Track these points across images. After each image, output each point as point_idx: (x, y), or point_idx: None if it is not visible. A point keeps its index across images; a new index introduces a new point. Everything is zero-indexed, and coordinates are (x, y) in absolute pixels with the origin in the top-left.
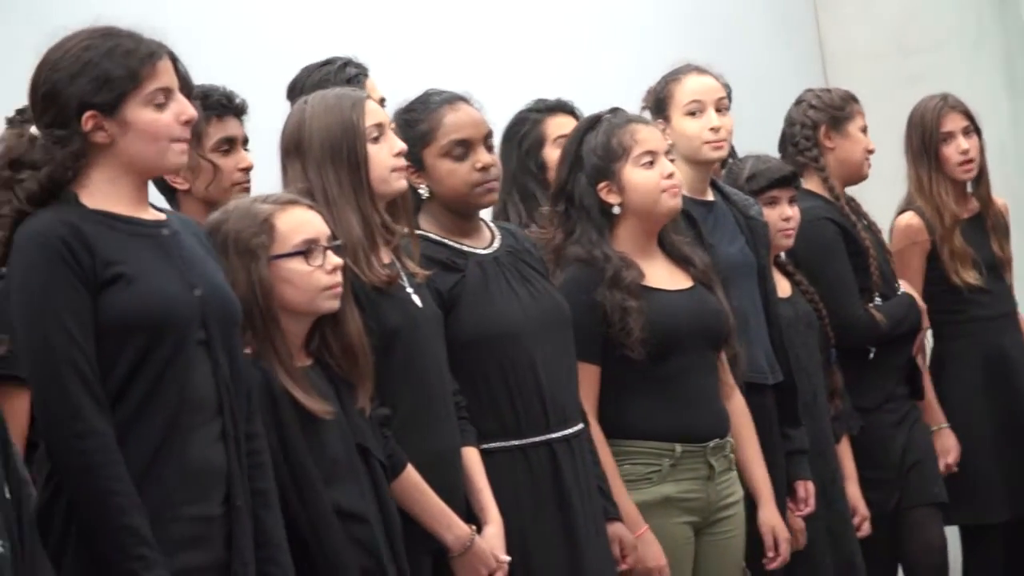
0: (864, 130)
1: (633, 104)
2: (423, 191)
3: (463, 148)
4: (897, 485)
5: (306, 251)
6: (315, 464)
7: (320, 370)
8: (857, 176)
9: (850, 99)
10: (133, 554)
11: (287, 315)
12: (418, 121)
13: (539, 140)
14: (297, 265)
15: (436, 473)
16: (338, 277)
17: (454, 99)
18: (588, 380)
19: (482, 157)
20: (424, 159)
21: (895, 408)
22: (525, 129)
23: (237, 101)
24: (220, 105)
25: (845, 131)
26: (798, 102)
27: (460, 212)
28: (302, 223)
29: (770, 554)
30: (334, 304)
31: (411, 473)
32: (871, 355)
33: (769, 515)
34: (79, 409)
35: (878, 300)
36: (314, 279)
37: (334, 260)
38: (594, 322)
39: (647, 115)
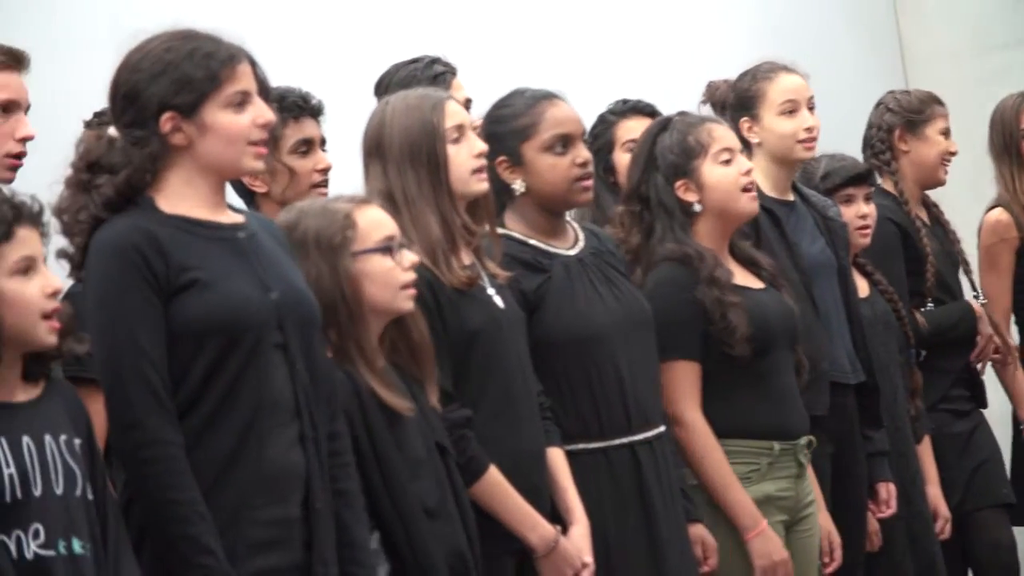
0: (945, 133)
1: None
2: (518, 187)
3: (564, 143)
4: (958, 485)
5: (388, 247)
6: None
7: (395, 371)
8: (933, 179)
9: (931, 101)
10: (194, 563)
11: (370, 313)
12: (517, 115)
13: (609, 143)
14: (380, 260)
15: (520, 474)
16: (413, 275)
17: (550, 95)
18: (690, 378)
19: (582, 152)
20: (523, 153)
21: (951, 410)
22: (597, 130)
23: (313, 102)
24: (296, 107)
25: (922, 134)
26: (877, 105)
27: (551, 210)
28: (380, 220)
29: (826, 559)
30: (410, 304)
31: (494, 474)
32: (920, 358)
33: (825, 520)
34: (143, 419)
35: (930, 305)
36: (394, 275)
37: (410, 257)
38: (694, 320)
39: (707, 110)
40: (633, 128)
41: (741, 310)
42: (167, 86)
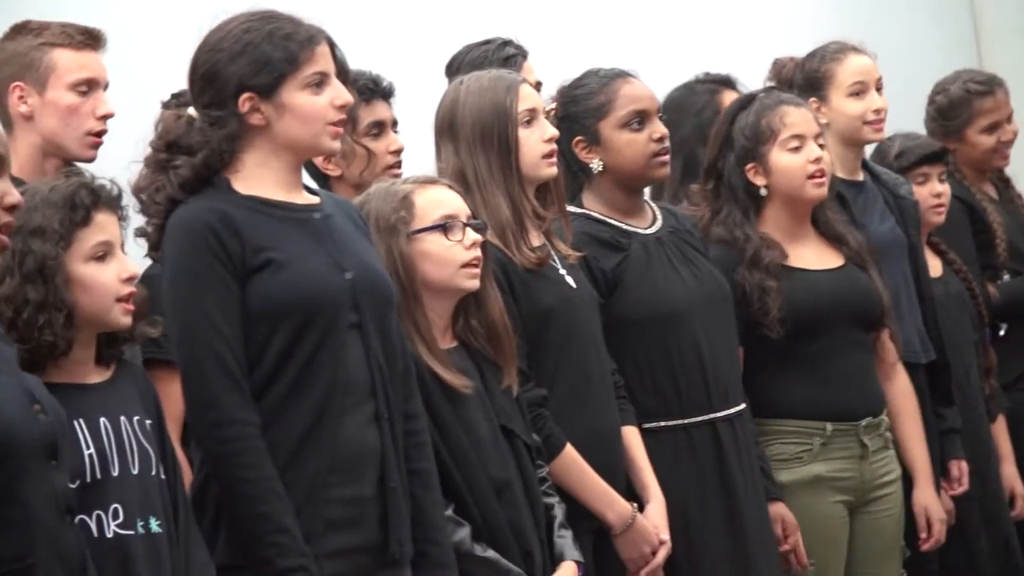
0: (993, 126)
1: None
2: (595, 166)
3: (640, 119)
4: None
5: (444, 226)
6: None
7: (465, 352)
8: (989, 168)
9: (969, 100)
10: (268, 541)
11: (429, 293)
12: (592, 94)
13: (716, 111)
14: (436, 239)
15: (596, 452)
16: (477, 252)
17: (624, 73)
18: None
19: (658, 128)
20: (600, 131)
21: None
22: (703, 100)
23: (384, 84)
24: (368, 89)
25: (963, 137)
26: (932, 92)
27: (630, 187)
28: (441, 199)
29: (922, 535)
30: (474, 283)
31: (570, 452)
32: (1001, 332)
33: (923, 495)
34: (218, 398)
35: (1006, 277)
36: (452, 254)
37: (473, 236)
38: (734, 302)
39: (773, 87)
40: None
41: (777, 293)
42: (246, 66)
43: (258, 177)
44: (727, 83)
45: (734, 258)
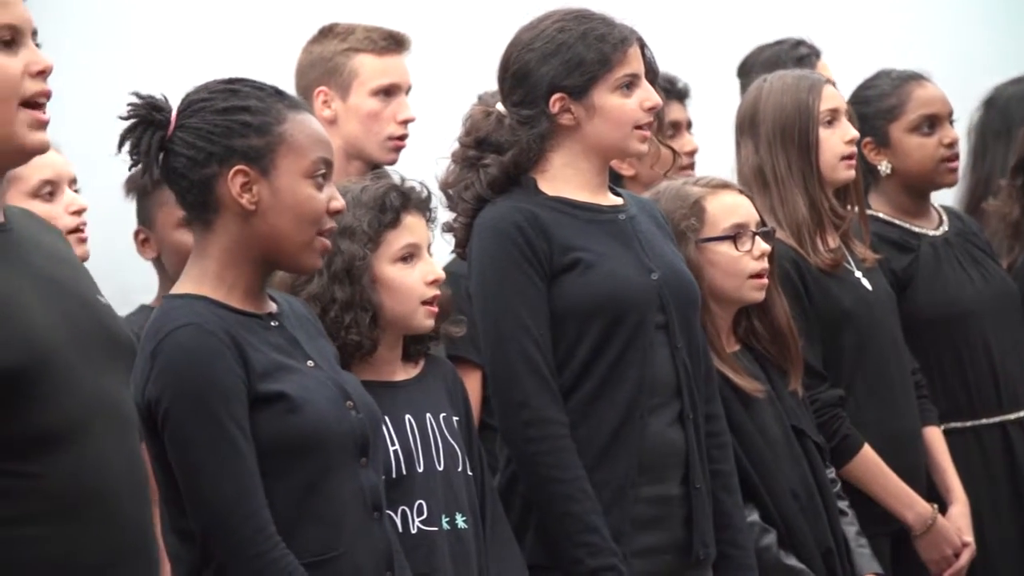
0: None
1: None
2: (883, 168)
3: (931, 123)
4: None
5: (735, 235)
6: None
7: (749, 355)
8: None
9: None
10: (578, 541)
11: (714, 300)
12: (884, 96)
13: None
14: (725, 249)
15: (896, 453)
16: (764, 264)
17: (916, 75)
18: None
19: (949, 133)
20: (890, 134)
21: None
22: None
23: (680, 85)
24: (663, 90)
25: None
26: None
27: (918, 190)
28: (732, 207)
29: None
30: (759, 295)
31: (868, 453)
32: None
33: None
34: (528, 398)
35: None
36: (741, 264)
37: (762, 246)
38: None
39: None
40: None
41: None
42: (559, 67)
43: (565, 178)
44: None
45: None
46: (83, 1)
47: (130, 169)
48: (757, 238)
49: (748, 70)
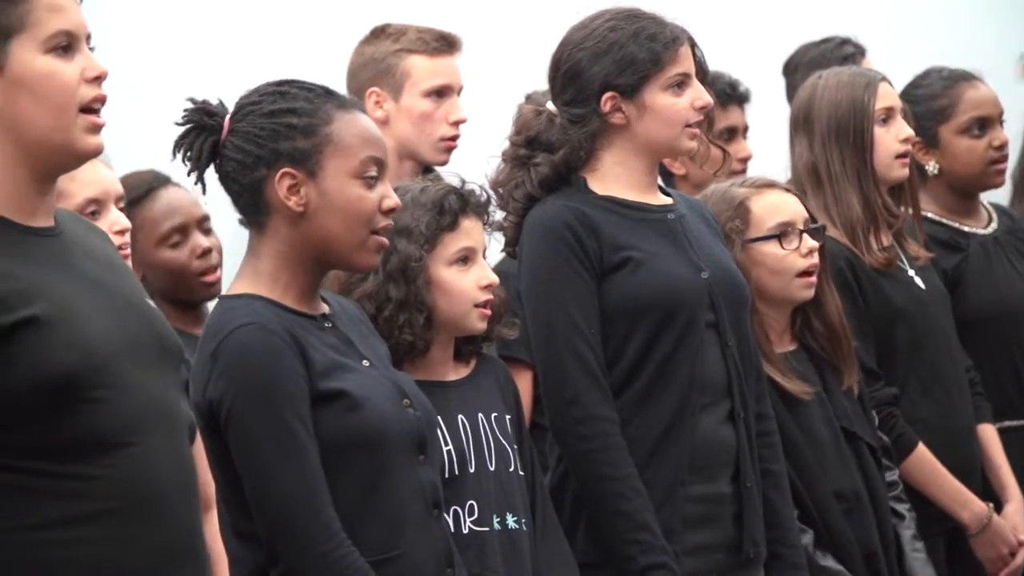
0: None
1: None
2: (931, 168)
3: (982, 125)
4: None
5: (780, 234)
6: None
7: (805, 354)
8: None
9: None
10: (630, 539)
11: (763, 301)
12: (934, 96)
13: None
14: (771, 249)
15: (951, 451)
16: (813, 260)
17: (968, 75)
18: None
19: (999, 135)
20: (939, 134)
21: None
22: None
23: (741, 89)
24: (724, 94)
25: None
26: None
27: (966, 191)
28: (777, 206)
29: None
30: (808, 293)
31: (923, 451)
32: None
33: None
34: (579, 395)
35: None
36: (788, 263)
37: (810, 243)
38: None
39: None
40: None
41: None
42: (610, 66)
43: (615, 177)
44: None
45: None
46: (136, 6)
47: (188, 175)
48: (804, 235)
49: (793, 69)
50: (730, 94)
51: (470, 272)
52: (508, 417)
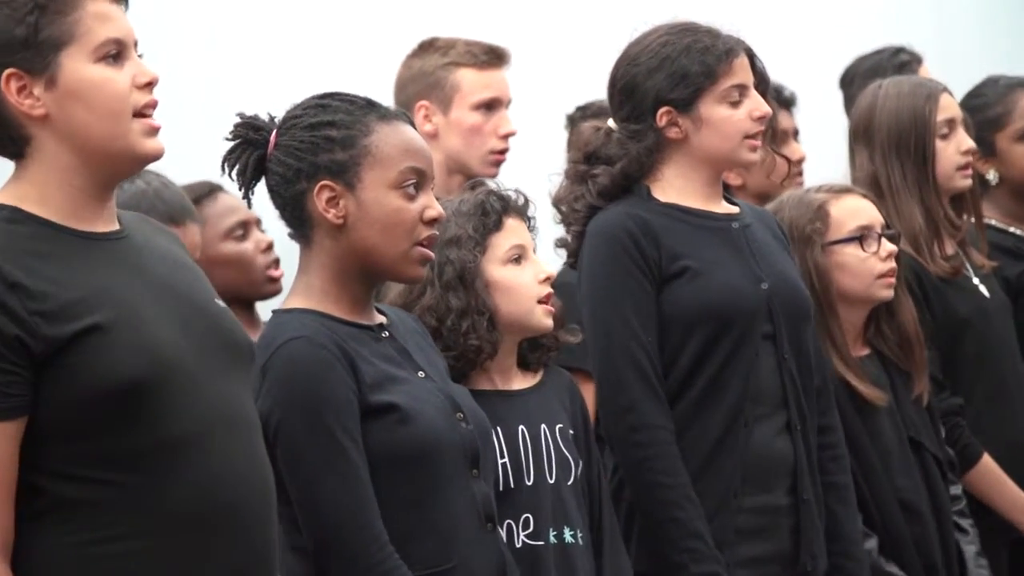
0: None
1: None
2: (991, 177)
3: None
4: None
5: (860, 237)
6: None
7: (877, 360)
8: None
9: None
10: (682, 547)
11: (842, 303)
12: (990, 105)
13: None
14: (852, 251)
15: (1015, 461)
16: (892, 264)
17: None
18: None
19: None
20: (996, 143)
21: None
22: None
23: (786, 94)
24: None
25: None
26: None
27: None
28: (856, 210)
29: None
30: (889, 293)
31: (987, 462)
32: None
33: None
34: (635, 403)
35: None
36: (868, 265)
37: (888, 247)
38: None
39: None
40: None
41: None
42: (663, 81)
43: (677, 187)
44: None
45: None
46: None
47: (240, 190)
48: (883, 239)
49: (850, 81)
50: (776, 99)
51: (525, 268)
52: (572, 431)
